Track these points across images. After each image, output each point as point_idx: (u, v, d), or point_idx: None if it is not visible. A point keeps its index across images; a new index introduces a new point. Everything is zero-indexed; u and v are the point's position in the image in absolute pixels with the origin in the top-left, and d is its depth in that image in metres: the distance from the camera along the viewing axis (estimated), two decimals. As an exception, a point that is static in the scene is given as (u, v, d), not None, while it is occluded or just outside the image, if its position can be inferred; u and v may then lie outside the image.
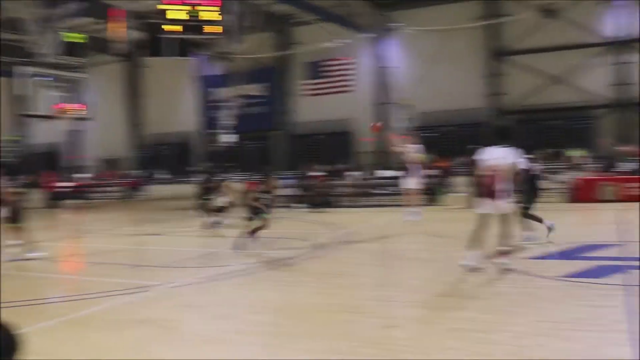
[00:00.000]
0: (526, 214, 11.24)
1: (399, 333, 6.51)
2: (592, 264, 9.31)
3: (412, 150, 13.39)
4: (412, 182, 13.47)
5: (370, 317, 6.98)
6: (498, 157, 8.32)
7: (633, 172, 20.26)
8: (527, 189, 10.97)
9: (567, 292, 7.69)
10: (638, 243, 10.73)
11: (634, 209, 14.81)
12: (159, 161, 48.35)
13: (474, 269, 8.80)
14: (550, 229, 11.35)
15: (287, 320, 7.12)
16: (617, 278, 8.28)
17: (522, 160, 10.64)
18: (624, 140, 37.43)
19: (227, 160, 41.06)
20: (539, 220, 11.36)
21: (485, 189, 8.32)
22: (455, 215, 16.81)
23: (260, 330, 6.80)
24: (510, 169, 8.31)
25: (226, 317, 7.32)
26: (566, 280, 8.31)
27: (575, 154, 29.52)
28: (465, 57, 42.10)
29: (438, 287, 8.45)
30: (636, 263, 9.17)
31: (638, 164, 21.67)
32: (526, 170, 10.84)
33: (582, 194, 19.19)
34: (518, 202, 10.49)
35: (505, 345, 5.85)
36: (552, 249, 10.78)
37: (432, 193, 21.47)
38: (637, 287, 7.61)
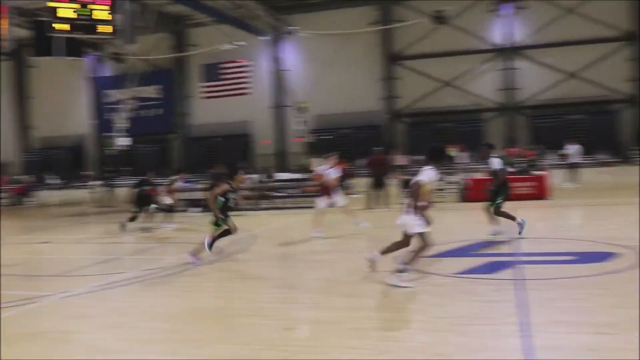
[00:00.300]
0: (498, 211, 11.85)
1: (300, 334, 6.51)
2: (484, 260, 9.68)
3: (331, 173, 13.53)
4: (324, 203, 13.62)
5: (271, 320, 6.94)
6: (425, 176, 8.21)
7: (520, 172, 21.25)
8: (499, 187, 11.82)
9: (462, 288, 7.94)
10: (526, 239, 11.28)
11: (522, 207, 15.52)
12: (50, 166, 46.24)
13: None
14: (521, 225, 11.79)
15: (186, 326, 6.96)
16: (507, 273, 8.63)
17: (496, 160, 11.90)
18: (511, 142, 39.35)
19: (122, 164, 39.86)
20: (512, 218, 11.84)
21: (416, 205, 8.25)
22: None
23: (158, 337, 6.61)
24: (429, 188, 8.26)
25: (122, 326, 7.06)
26: (461, 277, 8.58)
27: (452, 153, 30.66)
28: (361, 61, 42.93)
29: (338, 288, 8.51)
30: (524, 258, 9.63)
31: (525, 164, 22.75)
32: (502, 170, 11.83)
33: (472, 193, 19.92)
34: (491, 199, 11.82)
35: (404, 342, 5.97)
36: (449, 246, 11.12)
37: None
38: (527, 281, 7.98)
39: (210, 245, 10.61)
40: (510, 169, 15.19)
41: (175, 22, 42.08)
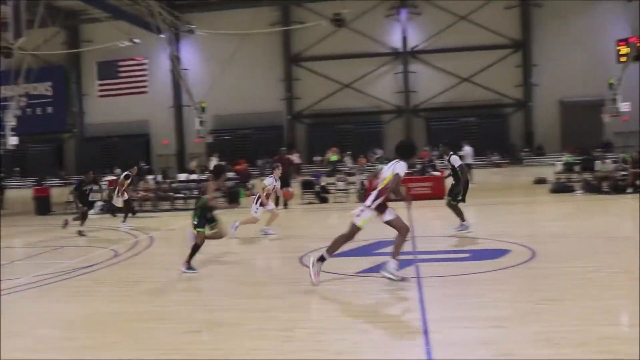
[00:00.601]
0: (455, 206, 12.64)
1: (203, 337, 6.37)
2: (384, 259, 9.82)
3: (267, 182, 13.82)
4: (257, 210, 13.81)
5: (172, 324, 6.76)
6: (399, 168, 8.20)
7: (419, 173, 21.83)
8: (463, 184, 12.60)
9: (361, 287, 8.03)
10: (425, 238, 11.57)
11: (421, 207, 15.92)
12: None
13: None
14: (466, 227, 12.46)
15: (84, 333, 6.66)
16: (408, 271, 8.81)
17: (456, 157, 12.45)
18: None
19: (12, 165, 37.91)
20: (462, 217, 12.56)
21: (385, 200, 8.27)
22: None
23: (54, 346, 6.28)
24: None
25: (15, 335, 6.65)
26: (363, 276, 8.68)
27: (334, 158, 30.97)
28: (262, 61, 42.80)
29: (240, 290, 8.41)
30: (423, 257, 9.87)
31: (422, 165, 23.36)
32: (468, 166, 12.50)
33: (372, 194, 20.28)
34: (454, 193, 12.61)
35: (307, 341, 5.95)
36: (351, 246, 11.22)
37: (233, 196, 21.50)
38: (424, 279, 8.17)
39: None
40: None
41: (68, 17, 40.39)
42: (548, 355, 5.23)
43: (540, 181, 24.88)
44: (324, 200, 21.17)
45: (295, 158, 15.55)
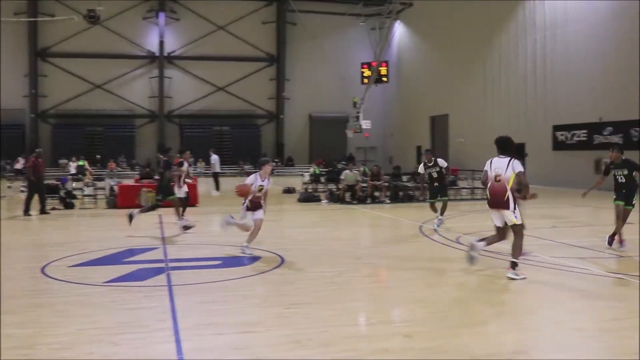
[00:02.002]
0: (432, 205, 14.58)
1: None
2: (135, 268, 9.54)
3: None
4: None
5: None
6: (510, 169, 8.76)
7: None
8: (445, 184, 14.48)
9: (111, 297, 7.69)
10: (177, 245, 11.45)
11: (161, 214, 15.75)
12: None
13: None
14: (440, 220, 14.13)
15: None
16: (158, 279, 8.64)
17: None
18: (163, 149, 39.83)
19: None
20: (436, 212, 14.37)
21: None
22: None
23: None
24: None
25: None
26: (110, 286, 8.32)
27: (81, 163, 29.65)
28: (3, 54, 39.20)
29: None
30: (176, 264, 9.76)
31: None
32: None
33: (122, 200, 19.60)
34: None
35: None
36: (98, 254, 10.71)
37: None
38: (176, 287, 8.08)
39: None
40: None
41: None
42: (297, 356, 5.46)
43: (289, 191, 26.04)
44: (69, 205, 19.92)
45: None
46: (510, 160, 8.74)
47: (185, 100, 43.72)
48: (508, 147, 8.99)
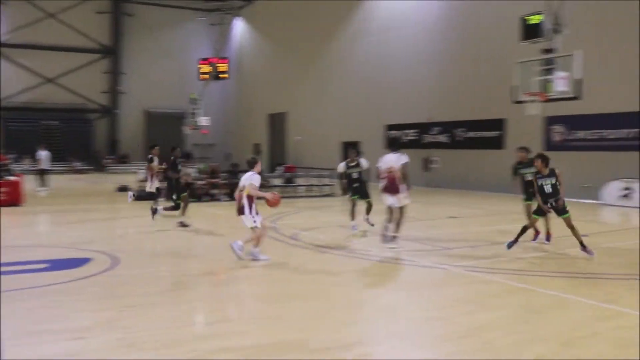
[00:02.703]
0: (352, 208, 13.51)
1: None
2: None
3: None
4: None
5: None
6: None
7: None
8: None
9: None
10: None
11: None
12: None
13: None
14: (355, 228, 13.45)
15: None
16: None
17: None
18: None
19: None
20: (353, 218, 13.50)
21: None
22: None
23: None
24: None
25: None
26: None
27: None
28: None
29: None
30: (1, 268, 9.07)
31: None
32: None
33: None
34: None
35: None
36: None
37: None
38: (3, 293, 7.50)
39: None
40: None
41: None
42: (130, 361, 5.27)
43: (123, 189, 25.05)
44: None
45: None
46: (399, 155, 10.72)
47: (8, 92, 40.73)
48: (397, 145, 12.22)
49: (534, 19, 15.56)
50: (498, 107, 23.99)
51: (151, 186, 15.43)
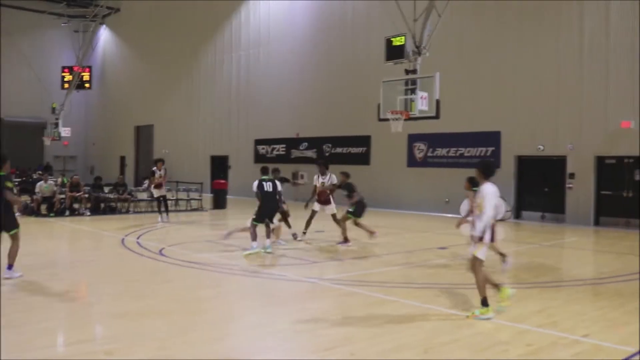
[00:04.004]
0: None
1: None
2: None
3: None
4: None
5: None
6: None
7: None
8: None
9: None
10: None
11: None
12: None
13: None
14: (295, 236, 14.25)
15: None
16: None
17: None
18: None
19: None
20: (289, 226, 14.24)
21: None
22: None
23: None
24: None
25: None
26: None
27: None
28: None
29: None
30: None
31: None
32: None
33: None
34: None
35: None
36: None
37: None
38: None
39: None
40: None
41: None
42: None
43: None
44: None
45: None
46: (330, 175, 14.30)
47: None
48: (328, 165, 14.69)
49: (398, 41, 16.21)
50: (364, 124, 24.69)
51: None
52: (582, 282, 10.06)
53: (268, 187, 12.44)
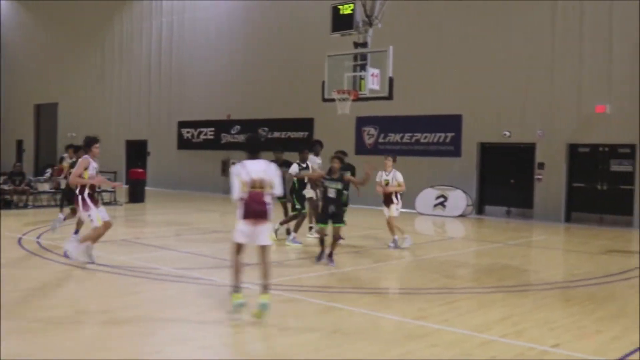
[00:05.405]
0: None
1: None
2: None
3: None
4: None
5: None
6: None
7: None
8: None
9: None
10: None
11: None
12: None
13: None
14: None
15: None
16: None
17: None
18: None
19: None
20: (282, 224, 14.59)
21: None
22: None
23: None
24: None
25: None
26: None
27: None
28: None
29: None
30: None
31: None
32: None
33: None
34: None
35: None
36: None
37: None
38: None
39: None
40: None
41: None
42: None
43: None
44: None
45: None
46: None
47: None
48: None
49: (346, 9, 16.12)
50: (307, 105, 24.67)
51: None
52: (551, 286, 10.30)
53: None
